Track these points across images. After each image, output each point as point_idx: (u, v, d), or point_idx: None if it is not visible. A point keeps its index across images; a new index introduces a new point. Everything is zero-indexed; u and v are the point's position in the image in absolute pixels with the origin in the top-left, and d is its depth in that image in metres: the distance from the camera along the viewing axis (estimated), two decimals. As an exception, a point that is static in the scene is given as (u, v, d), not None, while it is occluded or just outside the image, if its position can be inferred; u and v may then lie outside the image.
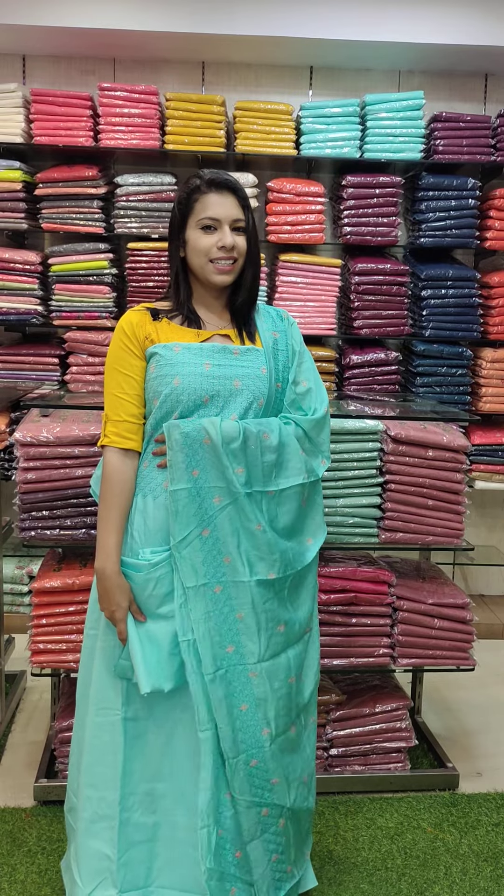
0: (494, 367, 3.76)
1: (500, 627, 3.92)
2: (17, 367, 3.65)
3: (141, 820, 1.75)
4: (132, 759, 1.74)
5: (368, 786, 2.54)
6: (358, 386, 3.75)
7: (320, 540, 1.83)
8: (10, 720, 2.91)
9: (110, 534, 1.70)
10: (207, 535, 1.65)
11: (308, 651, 1.83)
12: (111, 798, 1.74)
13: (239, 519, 1.67)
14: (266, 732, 1.69)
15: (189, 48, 3.71)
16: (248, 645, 1.68)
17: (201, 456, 1.64)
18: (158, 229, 3.59)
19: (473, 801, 2.51)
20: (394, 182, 3.66)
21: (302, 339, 1.86)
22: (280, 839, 1.75)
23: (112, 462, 1.71)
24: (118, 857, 1.74)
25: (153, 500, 1.70)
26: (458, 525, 2.49)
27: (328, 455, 1.83)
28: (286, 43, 3.60)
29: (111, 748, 1.74)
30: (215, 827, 1.67)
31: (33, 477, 2.33)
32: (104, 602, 1.70)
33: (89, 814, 1.77)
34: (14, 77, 3.84)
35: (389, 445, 2.41)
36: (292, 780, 1.78)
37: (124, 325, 1.73)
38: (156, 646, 1.68)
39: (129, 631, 1.68)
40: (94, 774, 1.76)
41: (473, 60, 3.79)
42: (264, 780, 1.70)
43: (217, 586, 1.66)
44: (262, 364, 1.74)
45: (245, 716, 1.67)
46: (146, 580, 1.68)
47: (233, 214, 1.69)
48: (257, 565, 1.68)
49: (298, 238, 3.66)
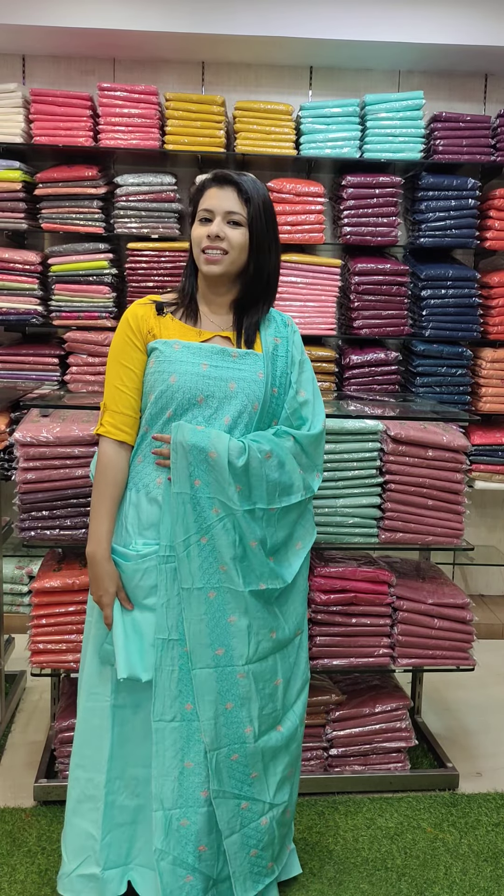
0: (494, 367, 3.76)
1: (500, 627, 3.92)
2: (17, 367, 3.65)
3: (125, 803, 1.82)
4: (119, 744, 1.81)
5: (368, 786, 2.54)
6: (358, 386, 3.75)
7: (309, 542, 1.86)
8: (10, 720, 2.91)
9: (101, 521, 1.75)
10: (205, 542, 1.69)
11: (299, 654, 1.87)
12: (98, 780, 1.81)
13: (235, 533, 1.70)
14: (249, 730, 1.74)
15: (189, 48, 3.71)
16: (237, 648, 1.72)
17: (204, 469, 1.67)
18: (158, 229, 3.60)
19: (473, 801, 2.51)
20: (394, 182, 3.66)
21: (304, 349, 1.87)
22: (262, 836, 1.79)
23: (106, 452, 1.75)
24: (101, 837, 1.81)
25: (146, 496, 1.74)
26: (458, 525, 2.49)
27: (322, 469, 1.86)
28: (286, 43, 3.60)
29: (99, 732, 1.81)
30: (175, 813, 1.72)
31: (33, 477, 2.33)
32: (93, 586, 1.76)
33: (77, 793, 1.84)
34: (14, 77, 3.84)
35: (389, 445, 2.41)
36: (273, 775, 1.81)
37: (129, 318, 1.76)
38: (139, 635, 1.74)
39: (115, 617, 1.74)
40: (83, 756, 1.84)
41: (473, 60, 3.79)
42: (244, 774, 1.75)
43: (211, 591, 1.70)
44: (260, 368, 1.75)
45: (229, 713, 1.72)
46: (134, 570, 1.73)
47: (227, 206, 1.70)
48: (249, 576, 1.72)
49: (298, 238, 3.66)
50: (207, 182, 1.75)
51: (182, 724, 1.72)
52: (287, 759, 1.85)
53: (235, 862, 1.77)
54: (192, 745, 1.72)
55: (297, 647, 1.86)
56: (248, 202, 1.71)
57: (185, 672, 1.72)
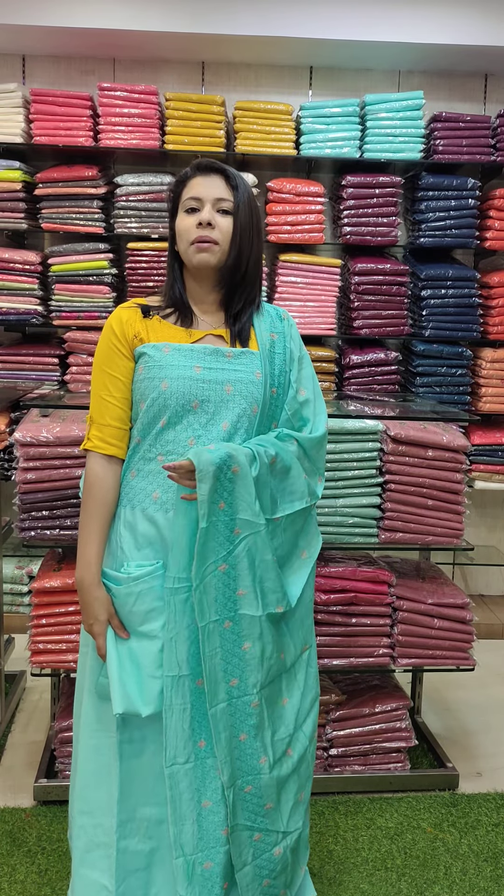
0: (494, 367, 3.76)
1: (500, 627, 3.92)
2: (17, 367, 3.65)
3: (138, 847, 1.64)
4: (127, 782, 1.63)
5: (368, 786, 2.54)
6: (358, 386, 3.75)
7: (315, 551, 1.75)
8: (10, 720, 2.91)
9: (90, 543, 1.62)
10: (224, 570, 1.56)
11: (307, 670, 1.75)
12: (108, 825, 1.64)
13: (258, 550, 1.58)
14: (263, 761, 1.62)
15: (189, 48, 3.71)
16: (251, 676, 1.60)
17: (229, 488, 1.54)
18: (158, 229, 3.60)
19: (473, 801, 2.51)
20: (394, 182, 3.66)
21: (302, 343, 1.76)
22: (275, 866, 1.68)
23: (94, 469, 1.62)
24: (116, 887, 1.63)
25: (141, 513, 1.62)
26: (458, 525, 2.49)
27: (324, 472, 1.76)
28: (286, 43, 3.60)
29: (106, 771, 1.64)
30: (198, 857, 1.60)
31: (33, 477, 2.33)
32: (83, 614, 1.63)
33: (84, 842, 1.67)
34: (14, 77, 3.84)
35: (389, 445, 2.41)
36: (285, 803, 1.69)
37: (113, 323, 1.64)
38: (136, 665, 1.60)
39: (108, 647, 1.60)
40: (87, 801, 1.67)
41: (473, 60, 3.79)
42: (258, 806, 1.63)
43: (227, 622, 1.57)
44: (257, 368, 1.64)
45: (244, 745, 1.60)
46: (126, 595, 1.59)
47: (215, 194, 1.60)
48: (269, 597, 1.61)
49: (298, 238, 3.66)
50: (190, 172, 1.63)
51: (196, 763, 1.59)
52: (298, 783, 1.72)
53: (248, 893, 1.65)
54: (209, 783, 1.60)
55: (305, 662, 1.74)
56: (236, 189, 1.62)
57: (197, 709, 1.58)
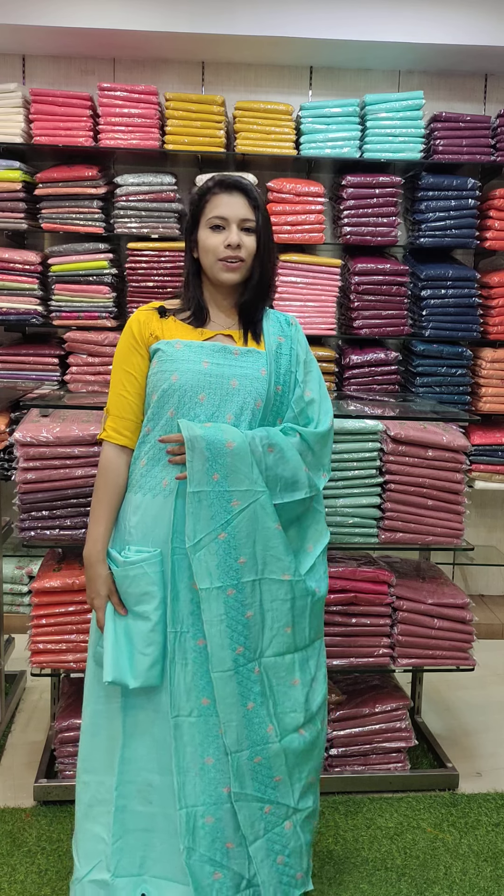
0: (494, 367, 3.76)
1: (500, 627, 3.92)
2: (17, 367, 3.65)
3: (138, 809, 1.77)
4: (130, 746, 1.76)
5: (368, 786, 2.54)
6: (358, 386, 3.75)
7: (322, 544, 1.83)
8: (10, 720, 2.91)
9: (98, 523, 1.76)
10: (224, 538, 1.67)
11: (319, 659, 1.85)
12: (108, 783, 1.78)
13: (258, 520, 1.69)
14: (270, 729, 1.72)
15: (189, 48, 3.71)
16: (254, 642, 1.71)
17: (223, 461, 1.66)
18: (158, 229, 3.60)
19: (473, 801, 2.51)
20: (393, 182, 3.66)
21: (309, 348, 1.86)
22: (287, 841, 1.77)
23: (108, 456, 1.78)
24: (112, 841, 1.77)
25: (152, 499, 1.73)
26: (458, 525, 2.49)
27: (329, 469, 1.84)
28: (286, 43, 3.60)
29: (109, 734, 1.77)
30: (199, 810, 1.70)
31: (33, 477, 2.33)
32: (87, 588, 1.77)
33: (88, 797, 1.81)
34: (14, 77, 3.84)
35: (389, 445, 2.41)
36: (297, 780, 1.79)
37: (132, 324, 1.78)
38: (129, 641, 1.73)
39: (107, 620, 1.73)
40: (91, 760, 1.80)
41: (473, 60, 3.79)
42: (267, 777, 1.73)
43: (230, 589, 1.68)
44: (263, 366, 1.75)
45: (251, 713, 1.70)
46: (123, 577, 1.72)
47: (241, 214, 1.71)
48: (272, 565, 1.72)
49: (298, 238, 3.66)
50: (212, 187, 1.74)
51: (200, 719, 1.70)
52: (311, 765, 1.82)
53: (263, 870, 1.74)
54: (211, 740, 1.70)
55: (317, 651, 1.84)
56: (257, 208, 1.74)
57: (199, 665, 1.69)
